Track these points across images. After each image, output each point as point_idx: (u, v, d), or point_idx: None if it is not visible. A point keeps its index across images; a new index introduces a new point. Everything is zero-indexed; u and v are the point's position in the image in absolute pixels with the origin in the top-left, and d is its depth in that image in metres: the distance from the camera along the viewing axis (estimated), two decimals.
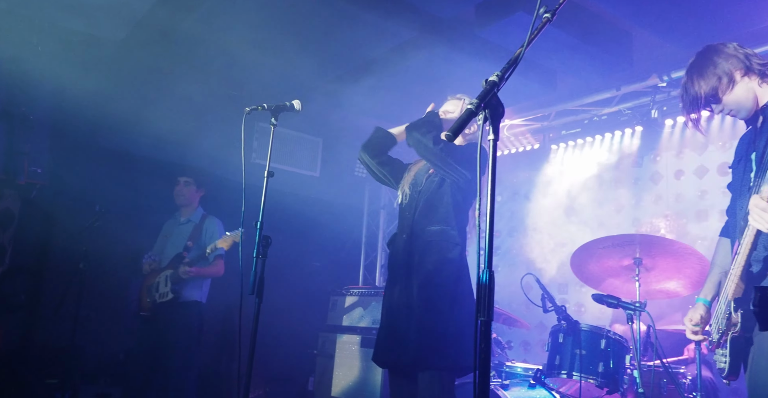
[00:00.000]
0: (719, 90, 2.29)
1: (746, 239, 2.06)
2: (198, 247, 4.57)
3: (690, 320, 2.40)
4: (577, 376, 3.52)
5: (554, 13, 1.74)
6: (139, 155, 5.53)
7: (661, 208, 5.40)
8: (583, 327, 3.65)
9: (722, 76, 2.28)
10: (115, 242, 4.89)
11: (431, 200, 3.00)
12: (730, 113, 2.36)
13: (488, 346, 1.48)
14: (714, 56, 2.33)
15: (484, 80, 1.60)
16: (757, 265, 2.18)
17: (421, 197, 3.05)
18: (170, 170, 4.86)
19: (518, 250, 6.67)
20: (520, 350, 6.38)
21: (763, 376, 2.08)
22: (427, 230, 2.94)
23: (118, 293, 5.31)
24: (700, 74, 2.32)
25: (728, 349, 2.23)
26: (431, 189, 3.03)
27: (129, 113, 5.09)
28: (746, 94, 2.31)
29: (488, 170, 1.57)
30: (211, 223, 4.70)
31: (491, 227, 1.53)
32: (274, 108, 3.07)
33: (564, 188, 6.17)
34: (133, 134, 5.30)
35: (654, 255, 3.51)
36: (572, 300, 6.04)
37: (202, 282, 4.58)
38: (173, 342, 4.37)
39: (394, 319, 2.93)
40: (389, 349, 2.92)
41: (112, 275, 5.07)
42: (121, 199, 5.02)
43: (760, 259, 2.17)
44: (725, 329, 2.24)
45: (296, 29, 4.70)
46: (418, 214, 3.00)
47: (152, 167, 5.40)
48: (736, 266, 2.14)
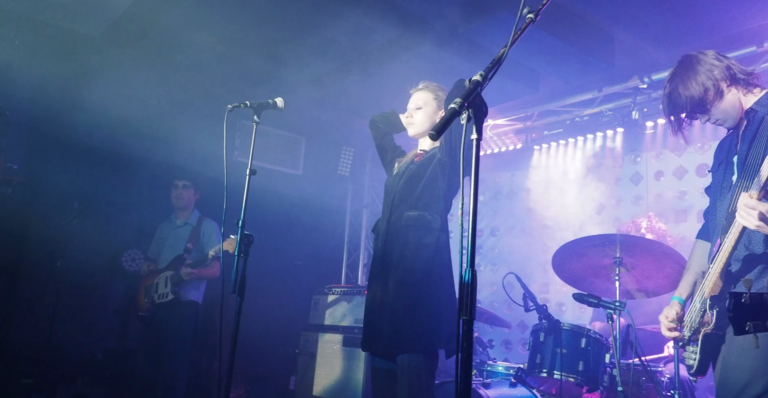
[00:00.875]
0: (706, 101, 2.29)
1: (730, 237, 2.09)
2: (197, 249, 4.67)
3: (666, 317, 2.43)
4: (558, 375, 3.55)
5: (537, 14, 1.75)
6: (118, 151, 5.47)
7: (641, 208, 5.46)
8: (563, 326, 3.68)
9: (709, 88, 2.29)
10: (93, 240, 4.83)
11: (411, 185, 3.02)
12: (716, 122, 2.38)
13: (470, 344, 1.48)
14: (697, 66, 2.33)
15: (467, 80, 1.60)
16: (737, 264, 2.21)
17: (401, 182, 3.07)
18: (150, 166, 4.81)
19: (500, 249, 6.70)
20: (501, 349, 6.41)
21: (732, 372, 2.11)
22: (405, 215, 2.96)
23: (96, 292, 5.24)
24: (685, 85, 2.32)
25: (699, 347, 2.26)
26: (412, 174, 3.05)
27: (108, 109, 5.02)
28: (733, 105, 2.32)
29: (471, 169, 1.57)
30: (208, 225, 4.79)
31: (474, 227, 1.53)
32: (257, 105, 3.06)
33: (546, 188, 6.21)
34: (113, 131, 5.24)
35: (634, 255, 3.54)
36: (553, 299, 6.09)
37: (200, 283, 4.68)
38: (172, 340, 4.47)
39: (374, 303, 2.95)
40: (370, 334, 2.94)
41: (91, 273, 5.01)
42: (100, 196, 4.96)
43: (740, 258, 2.20)
44: (698, 326, 2.27)
45: (279, 26, 4.67)
46: (398, 199, 3.03)
47: (132, 164, 5.34)
48: (716, 264, 2.17)
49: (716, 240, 2.25)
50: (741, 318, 1.43)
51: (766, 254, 2.14)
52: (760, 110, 2.26)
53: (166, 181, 4.87)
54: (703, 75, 2.30)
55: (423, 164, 3.06)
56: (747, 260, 2.19)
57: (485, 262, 6.73)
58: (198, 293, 4.69)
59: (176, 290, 4.50)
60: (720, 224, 2.26)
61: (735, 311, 1.43)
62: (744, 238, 2.16)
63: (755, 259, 2.17)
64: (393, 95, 3.73)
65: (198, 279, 4.63)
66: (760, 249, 2.16)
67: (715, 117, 2.35)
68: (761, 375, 2.02)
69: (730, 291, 1.45)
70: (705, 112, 2.34)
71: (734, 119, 2.36)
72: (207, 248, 4.67)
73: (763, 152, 2.13)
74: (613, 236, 3.54)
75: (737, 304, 1.44)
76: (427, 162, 3.05)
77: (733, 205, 2.02)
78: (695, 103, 2.31)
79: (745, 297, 1.43)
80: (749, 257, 2.18)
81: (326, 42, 4.89)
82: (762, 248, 2.16)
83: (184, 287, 4.57)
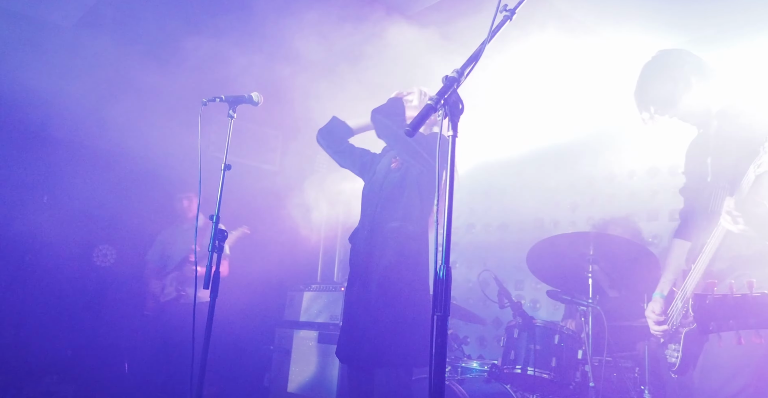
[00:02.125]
0: (675, 94, 2.33)
1: (713, 239, 2.12)
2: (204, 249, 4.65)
3: (653, 311, 2.46)
4: (531, 371, 3.58)
5: (513, 13, 1.76)
6: (90, 145, 5.36)
7: (614, 207, 5.53)
8: (537, 323, 3.71)
9: (679, 81, 2.32)
10: (63, 235, 4.74)
11: (392, 195, 2.99)
12: (683, 118, 2.41)
13: (444, 341, 1.48)
14: (669, 61, 2.38)
15: (443, 77, 1.60)
16: (720, 264, 2.24)
17: (382, 193, 3.03)
18: (124, 161, 4.74)
19: (476, 247, 6.73)
20: (476, 345, 6.45)
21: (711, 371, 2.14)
22: (387, 227, 2.94)
23: (65, 288, 5.14)
24: (657, 78, 2.36)
25: (681, 345, 2.29)
26: (393, 184, 3.02)
27: (80, 101, 4.93)
28: (700, 100, 2.35)
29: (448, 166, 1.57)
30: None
31: (449, 223, 1.53)
32: (233, 99, 3.02)
33: (522, 186, 6.25)
34: (85, 124, 5.14)
35: (607, 253, 3.59)
36: (528, 296, 6.14)
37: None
38: (179, 340, 4.45)
39: (353, 315, 2.93)
40: (348, 345, 2.92)
41: (60, 268, 4.91)
42: (70, 190, 4.86)
43: (723, 259, 2.23)
44: (678, 325, 2.30)
45: (256, 19, 4.62)
46: (379, 209, 2.99)
47: (104, 158, 5.24)
48: (699, 264, 2.20)
49: (697, 240, 2.28)
50: (705, 318, 1.47)
51: (747, 255, 2.18)
52: (731, 111, 2.29)
53: (139, 175, 4.81)
54: (676, 69, 2.34)
55: (402, 173, 3.03)
56: (729, 260, 2.22)
57: (461, 259, 6.76)
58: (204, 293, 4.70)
59: (182, 290, 4.63)
60: (700, 224, 2.29)
61: (698, 311, 1.48)
62: (728, 240, 2.20)
63: (738, 259, 2.20)
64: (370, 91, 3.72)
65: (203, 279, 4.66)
66: (742, 250, 2.19)
67: (682, 112, 2.38)
68: (740, 373, 2.06)
69: (695, 293, 1.49)
70: (673, 106, 2.36)
71: (700, 116, 2.39)
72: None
73: (736, 152, 2.16)
74: (586, 234, 3.58)
75: (701, 305, 1.48)
76: (405, 172, 3.03)
77: (712, 206, 2.05)
78: (665, 96, 2.34)
79: (709, 298, 1.47)
80: (732, 257, 2.21)
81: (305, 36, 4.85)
82: (744, 248, 2.19)
83: (191, 288, 4.66)
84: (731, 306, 1.47)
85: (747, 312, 1.46)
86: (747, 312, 1.46)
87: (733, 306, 1.47)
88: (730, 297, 1.48)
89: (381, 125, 2.96)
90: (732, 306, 1.47)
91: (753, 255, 2.15)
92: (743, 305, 1.46)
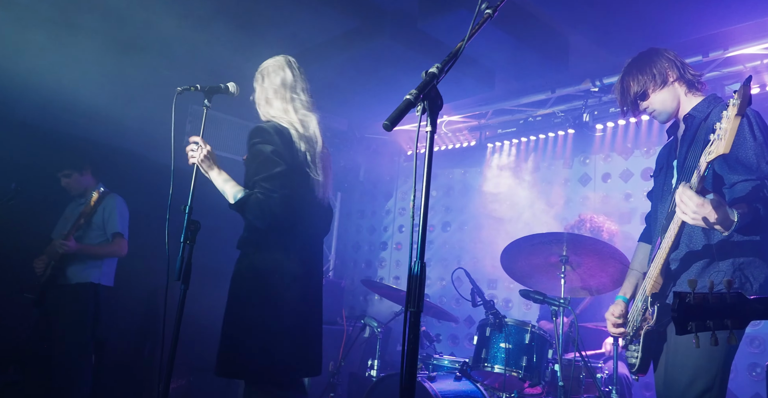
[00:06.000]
0: (649, 87, 2.41)
1: (669, 234, 2.15)
2: (89, 224, 4.33)
3: (612, 314, 2.50)
4: (501, 369, 3.61)
5: (495, 10, 1.76)
6: (62, 131, 5.25)
7: (588, 209, 5.60)
8: (509, 322, 3.74)
9: (656, 75, 2.40)
10: (31, 222, 4.63)
11: None
12: (653, 113, 2.47)
13: (416, 337, 1.48)
14: (654, 57, 2.46)
15: (423, 72, 1.60)
16: (676, 263, 2.28)
17: None
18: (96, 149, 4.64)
19: (451, 245, 6.76)
20: (448, 343, 6.48)
21: (676, 371, 2.18)
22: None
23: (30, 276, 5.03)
24: (639, 70, 2.45)
25: (641, 345, 2.32)
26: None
27: (51, 87, 4.81)
28: (672, 98, 2.44)
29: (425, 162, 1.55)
30: (110, 201, 4.44)
31: (425, 221, 1.52)
32: (208, 89, 2.96)
33: (497, 186, 6.29)
34: (56, 110, 5.02)
35: (580, 254, 3.62)
36: (501, 295, 6.19)
37: (101, 263, 4.34)
38: (63, 330, 4.11)
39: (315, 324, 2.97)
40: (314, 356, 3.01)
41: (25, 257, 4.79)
42: (39, 178, 4.74)
43: (680, 257, 2.27)
44: (639, 325, 2.34)
45: (235, 11, 4.56)
46: None
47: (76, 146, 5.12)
48: (656, 262, 2.23)
49: (657, 241, 2.32)
50: (684, 317, 1.46)
51: (705, 252, 2.22)
52: (698, 116, 2.35)
53: (112, 163, 4.71)
54: (657, 64, 2.43)
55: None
56: (687, 258, 2.26)
57: (436, 257, 6.79)
58: (99, 273, 4.31)
59: (59, 269, 4.15)
60: (660, 224, 2.33)
61: (679, 311, 1.46)
62: (684, 237, 2.23)
63: (695, 256, 2.24)
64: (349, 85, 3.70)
65: (93, 257, 4.28)
66: (699, 246, 2.23)
67: (653, 106, 2.45)
68: (704, 374, 2.10)
69: (675, 291, 1.49)
70: (645, 98, 2.44)
71: (669, 114, 2.46)
72: (107, 225, 4.36)
73: (700, 155, 2.21)
74: (560, 235, 3.61)
75: (681, 304, 1.46)
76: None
77: (673, 206, 2.08)
78: (641, 88, 2.42)
79: (690, 297, 1.46)
80: (689, 254, 2.25)
81: (284, 29, 4.81)
82: (701, 245, 2.23)
83: (73, 266, 4.20)
84: (710, 306, 1.45)
85: (723, 312, 1.45)
86: (723, 312, 1.45)
87: (712, 305, 1.45)
88: (709, 296, 1.46)
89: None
90: (711, 305, 1.45)
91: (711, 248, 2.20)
92: (721, 305, 1.46)
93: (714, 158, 1.85)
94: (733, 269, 2.16)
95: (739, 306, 1.45)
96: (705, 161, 1.91)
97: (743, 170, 2.12)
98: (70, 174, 4.50)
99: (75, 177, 4.50)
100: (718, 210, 1.90)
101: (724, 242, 2.17)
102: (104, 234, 4.37)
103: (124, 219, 4.48)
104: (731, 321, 1.45)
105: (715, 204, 1.90)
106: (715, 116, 2.27)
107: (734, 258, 2.17)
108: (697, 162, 2.00)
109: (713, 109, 2.32)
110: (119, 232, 4.38)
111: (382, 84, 3.72)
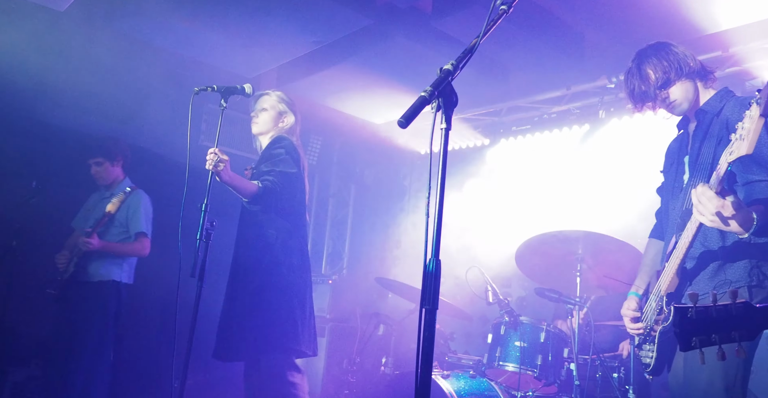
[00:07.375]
0: (671, 75, 2.34)
1: (686, 234, 2.12)
2: (113, 220, 4.28)
3: (628, 308, 2.48)
4: (516, 368, 3.60)
5: (511, 6, 1.75)
6: (80, 131, 5.30)
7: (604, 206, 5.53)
8: (524, 320, 3.72)
9: (678, 63, 2.34)
10: (51, 220, 4.68)
11: None
12: (672, 104, 2.38)
13: (432, 335, 1.48)
14: (667, 47, 2.41)
15: (438, 68, 1.59)
16: (692, 262, 2.26)
17: None
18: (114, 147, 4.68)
19: (464, 244, 6.74)
20: (462, 341, 6.46)
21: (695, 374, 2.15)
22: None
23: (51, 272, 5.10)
24: (659, 58, 2.37)
25: (656, 344, 2.30)
26: None
27: (70, 87, 4.86)
28: (693, 88, 2.38)
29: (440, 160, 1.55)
30: (135, 198, 4.40)
31: (440, 218, 1.52)
32: (224, 90, 3.00)
33: (510, 184, 6.26)
34: (75, 110, 5.07)
35: (595, 252, 3.60)
36: (515, 293, 6.15)
37: (122, 261, 4.31)
38: (84, 328, 4.11)
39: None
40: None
41: (48, 253, 4.86)
42: (60, 176, 4.80)
43: (696, 256, 2.25)
44: (653, 324, 2.31)
45: (249, 10, 4.57)
46: None
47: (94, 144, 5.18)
48: (672, 262, 2.21)
49: (671, 238, 2.29)
50: (687, 333, 1.40)
51: (721, 252, 2.19)
52: (710, 111, 2.32)
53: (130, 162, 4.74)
54: (672, 53, 2.37)
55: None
56: (702, 257, 2.23)
57: (448, 256, 6.76)
58: (120, 271, 4.29)
59: (82, 265, 4.12)
60: (675, 222, 2.30)
61: (681, 326, 1.39)
62: (700, 236, 2.21)
63: (710, 256, 2.21)
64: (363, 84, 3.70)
65: (115, 256, 4.25)
66: (715, 246, 2.21)
67: (673, 96, 2.37)
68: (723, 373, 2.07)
69: (675, 305, 1.44)
70: (667, 86, 2.35)
71: (689, 105, 2.39)
72: (131, 224, 4.31)
73: (714, 151, 2.18)
74: (575, 233, 3.59)
75: (683, 319, 1.39)
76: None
77: (687, 203, 2.05)
78: (662, 77, 2.34)
79: (691, 312, 1.40)
80: (705, 254, 2.22)
81: (298, 28, 4.82)
82: (717, 245, 2.20)
83: (95, 263, 4.17)
84: (714, 319, 1.38)
85: (729, 324, 1.38)
86: (729, 325, 1.38)
87: (716, 318, 1.38)
88: (712, 309, 1.39)
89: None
90: (715, 318, 1.38)
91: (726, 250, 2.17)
92: (726, 317, 1.38)
93: (735, 159, 1.82)
94: (750, 267, 2.13)
95: (747, 316, 1.38)
96: (726, 161, 1.86)
97: (759, 170, 2.09)
98: (101, 163, 4.45)
99: (106, 166, 4.46)
100: (738, 213, 1.88)
101: (739, 241, 2.14)
102: (126, 232, 4.33)
103: (149, 218, 4.44)
104: (739, 333, 1.38)
105: (735, 206, 1.87)
106: (728, 111, 2.24)
107: (750, 257, 2.15)
108: (710, 159, 1.97)
109: (725, 103, 2.29)
110: (143, 232, 4.33)
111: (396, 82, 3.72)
